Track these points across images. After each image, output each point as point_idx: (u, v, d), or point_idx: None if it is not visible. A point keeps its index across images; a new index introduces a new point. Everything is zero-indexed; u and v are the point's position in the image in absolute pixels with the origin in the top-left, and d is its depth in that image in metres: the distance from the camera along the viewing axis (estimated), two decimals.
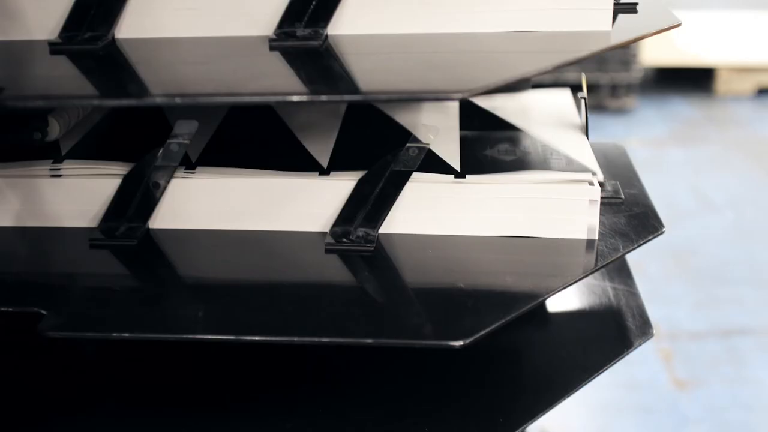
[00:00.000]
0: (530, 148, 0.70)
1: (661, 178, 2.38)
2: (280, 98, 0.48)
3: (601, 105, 2.87)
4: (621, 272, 0.77)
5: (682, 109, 2.97)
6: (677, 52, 2.97)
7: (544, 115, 0.78)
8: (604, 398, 1.49)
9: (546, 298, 0.57)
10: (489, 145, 0.71)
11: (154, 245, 0.64)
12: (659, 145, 2.67)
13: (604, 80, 2.83)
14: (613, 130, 2.73)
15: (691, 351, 1.64)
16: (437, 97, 0.48)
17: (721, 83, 3.02)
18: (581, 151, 0.69)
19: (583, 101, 0.74)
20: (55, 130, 0.65)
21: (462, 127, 0.73)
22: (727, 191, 2.34)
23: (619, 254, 0.62)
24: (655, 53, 2.95)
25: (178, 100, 0.47)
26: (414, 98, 0.51)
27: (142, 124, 0.69)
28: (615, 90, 2.88)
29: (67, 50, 0.58)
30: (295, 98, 0.48)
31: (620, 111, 2.91)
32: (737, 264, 1.97)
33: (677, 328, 1.70)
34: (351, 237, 0.63)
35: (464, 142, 0.70)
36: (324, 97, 0.48)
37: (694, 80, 3.10)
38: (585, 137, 0.73)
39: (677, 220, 2.11)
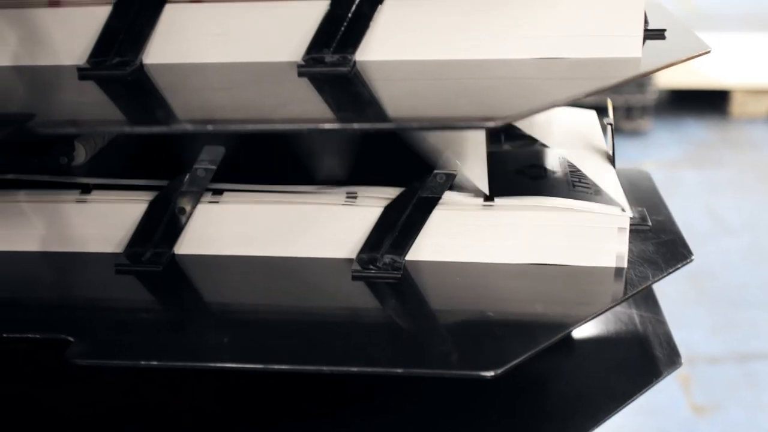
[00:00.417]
0: (557, 169, 0.69)
1: (677, 201, 2.35)
2: (312, 126, 0.48)
3: (615, 127, 2.86)
4: (647, 299, 0.76)
5: (696, 131, 2.96)
6: (692, 74, 2.97)
7: (570, 137, 0.77)
8: (621, 423, 1.48)
9: (577, 327, 0.56)
10: (516, 164, 0.70)
11: (179, 271, 0.63)
12: (674, 167, 2.66)
13: (619, 102, 2.82)
14: (627, 152, 2.72)
15: (708, 375, 1.63)
16: (470, 125, 0.48)
17: (736, 105, 3.01)
18: (609, 178, 0.69)
19: (609, 127, 0.74)
20: (81, 154, 0.65)
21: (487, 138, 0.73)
22: (743, 214, 2.32)
23: (649, 282, 0.62)
24: (669, 75, 2.94)
25: (209, 127, 0.47)
26: (446, 126, 0.51)
27: (168, 147, 0.69)
28: (630, 112, 2.88)
29: (95, 75, 0.58)
30: (326, 126, 0.48)
31: (635, 133, 2.90)
32: (754, 287, 1.95)
33: (694, 352, 1.68)
34: (378, 264, 0.62)
35: (490, 157, 0.70)
36: (356, 125, 0.47)
37: (708, 102, 3.09)
38: (612, 164, 0.72)
39: (693, 243, 2.09)
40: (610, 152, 0.73)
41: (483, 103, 0.52)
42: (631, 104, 2.86)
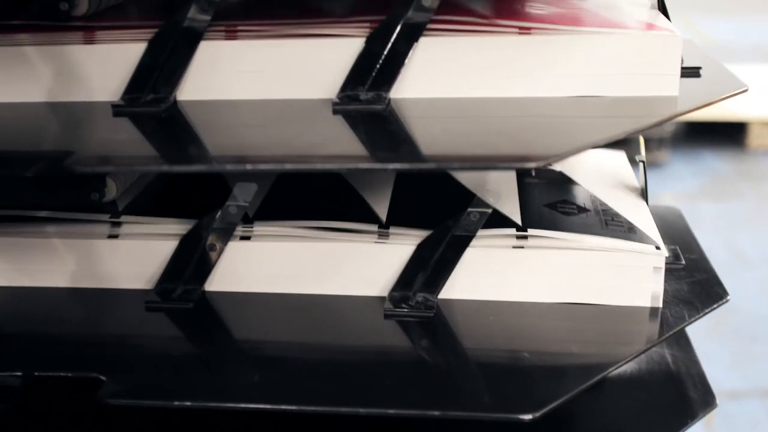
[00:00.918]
0: (590, 206, 0.69)
1: (695, 234, 2.35)
2: (351, 165, 0.48)
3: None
4: (679, 338, 0.75)
5: (714, 163, 2.95)
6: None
7: (600, 172, 0.77)
8: None
9: (615, 369, 0.56)
10: (547, 199, 0.70)
11: (210, 308, 0.63)
12: (691, 199, 2.65)
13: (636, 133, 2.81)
14: None
15: (730, 411, 1.61)
16: (511, 165, 0.47)
17: (753, 138, 3.00)
18: (642, 216, 0.68)
19: (641, 164, 0.73)
20: (112, 190, 0.64)
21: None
22: (762, 247, 2.31)
23: (685, 323, 0.61)
24: None
25: (248, 166, 0.47)
26: (488, 167, 0.50)
27: (199, 183, 0.69)
28: (647, 143, 2.87)
29: (129, 112, 0.58)
30: (365, 165, 0.48)
31: (652, 165, 2.89)
32: None
33: (715, 387, 1.66)
34: (410, 302, 0.62)
35: (522, 190, 0.69)
36: (397, 165, 0.47)
37: (725, 134, 3.08)
38: (645, 201, 0.71)
39: None
40: (642, 189, 0.72)
41: (522, 142, 0.52)
42: (649, 135, 2.85)
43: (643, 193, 0.73)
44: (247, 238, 0.64)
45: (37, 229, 0.66)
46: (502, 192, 0.68)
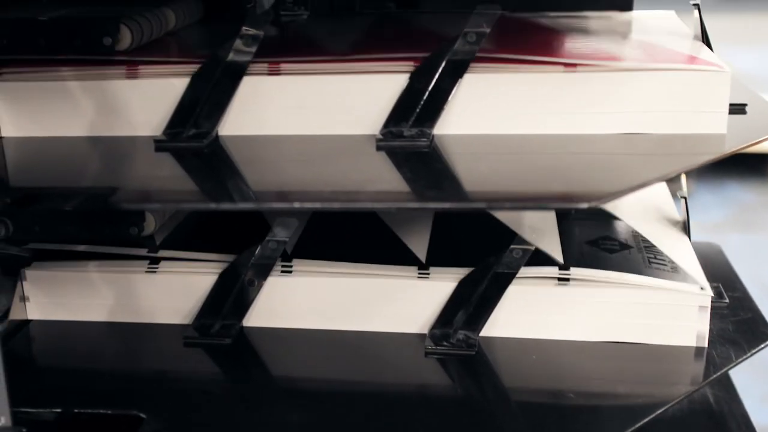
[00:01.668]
0: (631, 243, 0.68)
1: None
2: (400, 205, 0.47)
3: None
4: (720, 378, 0.74)
5: (738, 194, 2.93)
6: None
7: (640, 207, 0.76)
8: None
9: (665, 409, 0.54)
10: (587, 236, 0.69)
11: (248, 344, 0.62)
12: (717, 230, 2.63)
13: None
14: None
15: None
16: (565, 205, 0.47)
17: None
18: (685, 254, 0.67)
19: (683, 200, 0.73)
20: (151, 225, 0.64)
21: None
22: None
23: (732, 364, 0.60)
24: None
25: (296, 204, 0.46)
26: (539, 207, 0.50)
27: (237, 216, 0.69)
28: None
29: (172, 147, 0.58)
30: (414, 205, 0.47)
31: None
32: None
33: None
34: (451, 340, 0.61)
35: (562, 226, 0.68)
36: (446, 205, 0.46)
37: (750, 165, 3.06)
38: (687, 238, 0.70)
39: None
40: (684, 226, 0.72)
41: (572, 180, 0.51)
42: None
43: (686, 229, 0.72)
44: (287, 273, 0.63)
45: (75, 263, 0.65)
46: (542, 228, 0.67)
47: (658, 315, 0.61)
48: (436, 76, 0.57)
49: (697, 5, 0.67)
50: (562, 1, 0.78)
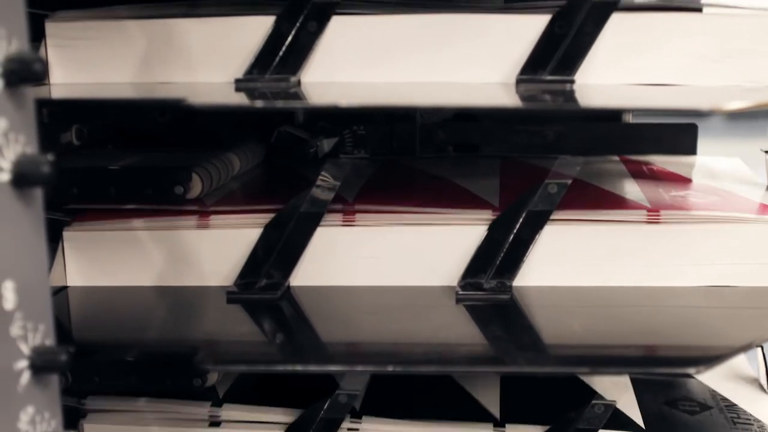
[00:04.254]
0: (711, 403, 0.65)
1: None
2: (495, 370, 0.45)
3: None
4: None
5: None
6: None
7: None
8: None
9: None
10: (665, 395, 0.66)
11: None
12: None
13: None
14: None
15: None
16: (672, 372, 0.45)
17: None
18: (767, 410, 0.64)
19: (760, 349, 0.70)
20: (214, 376, 0.62)
21: None
22: None
23: None
24: None
25: (389, 368, 0.44)
26: (645, 372, 0.47)
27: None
28: None
29: (244, 299, 0.57)
30: (511, 369, 0.45)
31: None
32: None
33: None
34: None
35: (635, 384, 0.65)
36: (548, 369, 0.44)
37: None
38: (766, 393, 0.68)
39: None
40: (763, 381, 0.69)
41: (669, 339, 0.49)
42: None
43: (764, 386, 0.69)
44: (354, 431, 0.60)
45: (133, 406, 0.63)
46: (616, 384, 0.64)
47: None
48: (516, 226, 0.56)
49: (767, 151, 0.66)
50: (628, 145, 0.78)
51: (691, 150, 0.79)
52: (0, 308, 0.35)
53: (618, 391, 0.63)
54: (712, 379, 0.69)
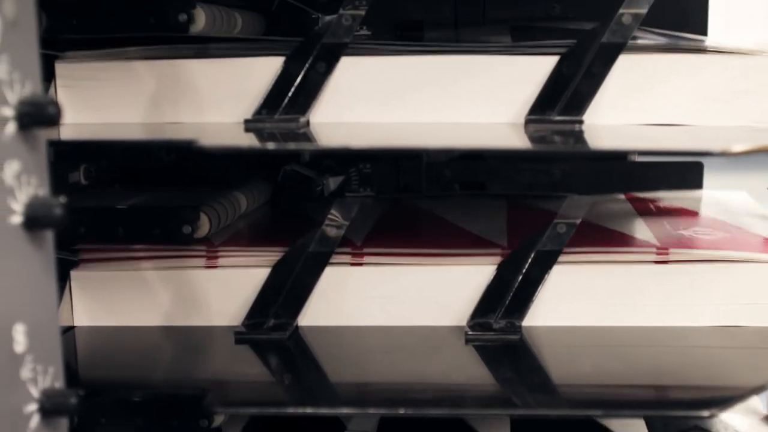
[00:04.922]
0: None
1: None
2: (508, 412, 0.45)
3: None
4: None
5: None
6: None
7: None
8: None
9: None
10: (677, 426, 0.65)
11: None
12: None
13: None
14: None
15: None
16: (687, 414, 0.44)
17: None
18: None
19: None
20: (220, 418, 0.61)
21: None
22: None
23: None
24: None
25: (401, 410, 0.44)
26: (660, 415, 0.47)
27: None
28: None
29: (251, 340, 0.56)
30: (523, 412, 0.45)
31: None
32: None
33: None
34: None
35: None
36: (561, 412, 0.44)
37: None
38: None
39: None
40: None
41: (682, 379, 0.48)
42: None
43: None
44: None
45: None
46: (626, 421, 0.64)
47: None
48: (525, 266, 0.56)
49: None
50: (635, 184, 0.78)
51: (697, 187, 0.79)
52: (11, 351, 0.35)
53: (628, 424, 0.63)
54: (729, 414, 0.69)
